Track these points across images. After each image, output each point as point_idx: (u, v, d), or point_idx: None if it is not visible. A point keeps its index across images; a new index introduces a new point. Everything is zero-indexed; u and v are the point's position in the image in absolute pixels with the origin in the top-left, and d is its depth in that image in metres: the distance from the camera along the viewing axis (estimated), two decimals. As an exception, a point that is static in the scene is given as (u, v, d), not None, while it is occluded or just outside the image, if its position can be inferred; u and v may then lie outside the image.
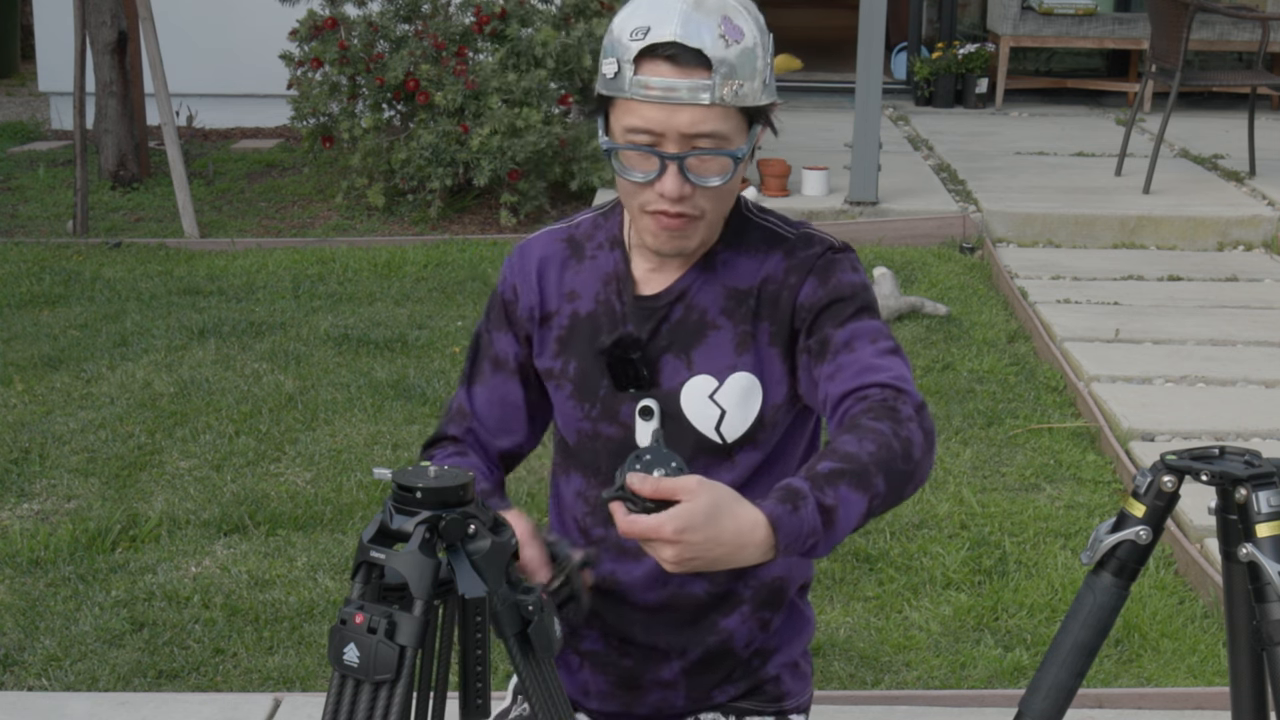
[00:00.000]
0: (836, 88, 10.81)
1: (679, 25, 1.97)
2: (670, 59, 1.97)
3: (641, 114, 1.99)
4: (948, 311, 6.04)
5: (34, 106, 10.81)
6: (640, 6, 2.01)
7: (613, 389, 2.15)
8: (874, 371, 1.99)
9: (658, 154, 2.00)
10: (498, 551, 1.74)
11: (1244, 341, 5.74)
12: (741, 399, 2.11)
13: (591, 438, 2.18)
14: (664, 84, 1.97)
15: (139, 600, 3.84)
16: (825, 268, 2.11)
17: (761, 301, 2.12)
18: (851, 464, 1.86)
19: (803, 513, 1.81)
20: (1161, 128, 7.75)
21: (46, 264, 6.76)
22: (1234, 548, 1.95)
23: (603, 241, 2.20)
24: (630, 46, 1.98)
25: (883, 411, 1.93)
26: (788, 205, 7.38)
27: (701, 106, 1.98)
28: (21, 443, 4.79)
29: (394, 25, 7.60)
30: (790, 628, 2.27)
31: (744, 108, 2.01)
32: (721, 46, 1.97)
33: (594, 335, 2.16)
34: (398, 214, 7.56)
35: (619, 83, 2.00)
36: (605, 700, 2.26)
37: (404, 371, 5.36)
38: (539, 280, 2.21)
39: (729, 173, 2.03)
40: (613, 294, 2.17)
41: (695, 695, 2.24)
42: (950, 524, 4.24)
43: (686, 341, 2.13)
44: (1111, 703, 3.39)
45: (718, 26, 1.98)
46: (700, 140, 1.99)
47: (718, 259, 2.14)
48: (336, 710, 1.72)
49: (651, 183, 2.02)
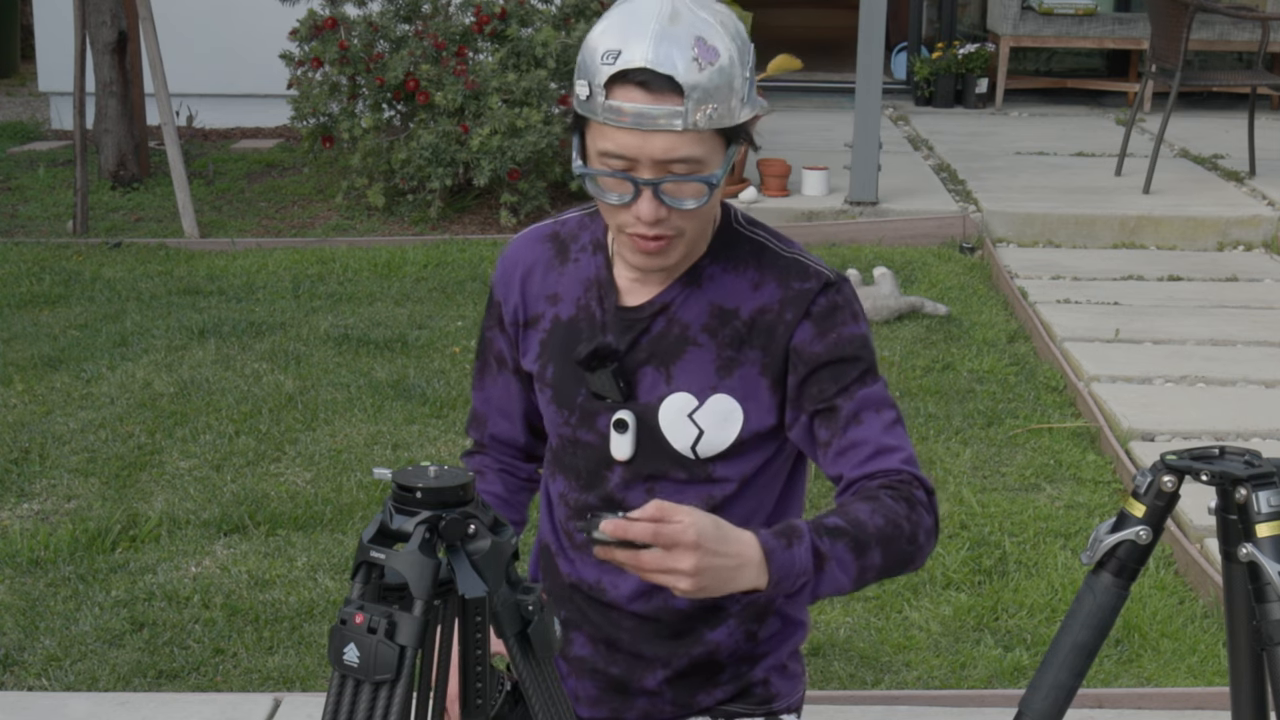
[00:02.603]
0: (836, 88, 10.81)
1: (650, 49, 1.92)
2: (642, 85, 1.93)
3: (614, 139, 1.96)
4: (948, 311, 6.04)
5: (34, 106, 10.81)
6: (613, 24, 1.96)
7: (591, 397, 2.14)
8: (887, 455, 2.03)
9: (631, 179, 1.97)
10: (498, 551, 1.74)
11: (1244, 341, 5.74)
12: (721, 421, 2.10)
13: (571, 443, 2.18)
14: (636, 110, 1.93)
15: (139, 600, 3.84)
16: (826, 315, 2.07)
17: (754, 330, 2.09)
18: (856, 530, 1.92)
19: (796, 551, 1.87)
20: (1161, 128, 7.75)
21: (46, 264, 6.76)
22: (1234, 548, 1.95)
23: (587, 244, 2.19)
24: (602, 70, 1.94)
25: (900, 493, 1.99)
26: (788, 205, 7.39)
27: (674, 133, 1.94)
28: (21, 443, 4.79)
29: (394, 25, 7.60)
30: (779, 636, 2.26)
31: (720, 129, 1.98)
32: (695, 71, 1.92)
33: (573, 342, 2.15)
34: (398, 214, 7.56)
35: (591, 106, 1.97)
36: (594, 706, 2.26)
37: (404, 371, 5.36)
38: (522, 285, 2.20)
39: (704, 196, 2.00)
40: (594, 301, 2.15)
41: (681, 702, 2.23)
42: (950, 524, 4.24)
43: (667, 356, 2.11)
44: (1111, 703, 3.39)
45: (691, 49, 1.93)
46: (675, 165, 1.96)
47: (704, 274, 2.11)
48: (336, 710, 1.72)
49: (627, 205, 1.99)
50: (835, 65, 11.37)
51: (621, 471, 2.14)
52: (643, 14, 1.95)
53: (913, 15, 10.89)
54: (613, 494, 2.15)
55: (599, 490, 2.17)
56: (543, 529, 2.29)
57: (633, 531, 1.77)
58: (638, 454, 2.13)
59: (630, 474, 2.14)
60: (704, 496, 2.12)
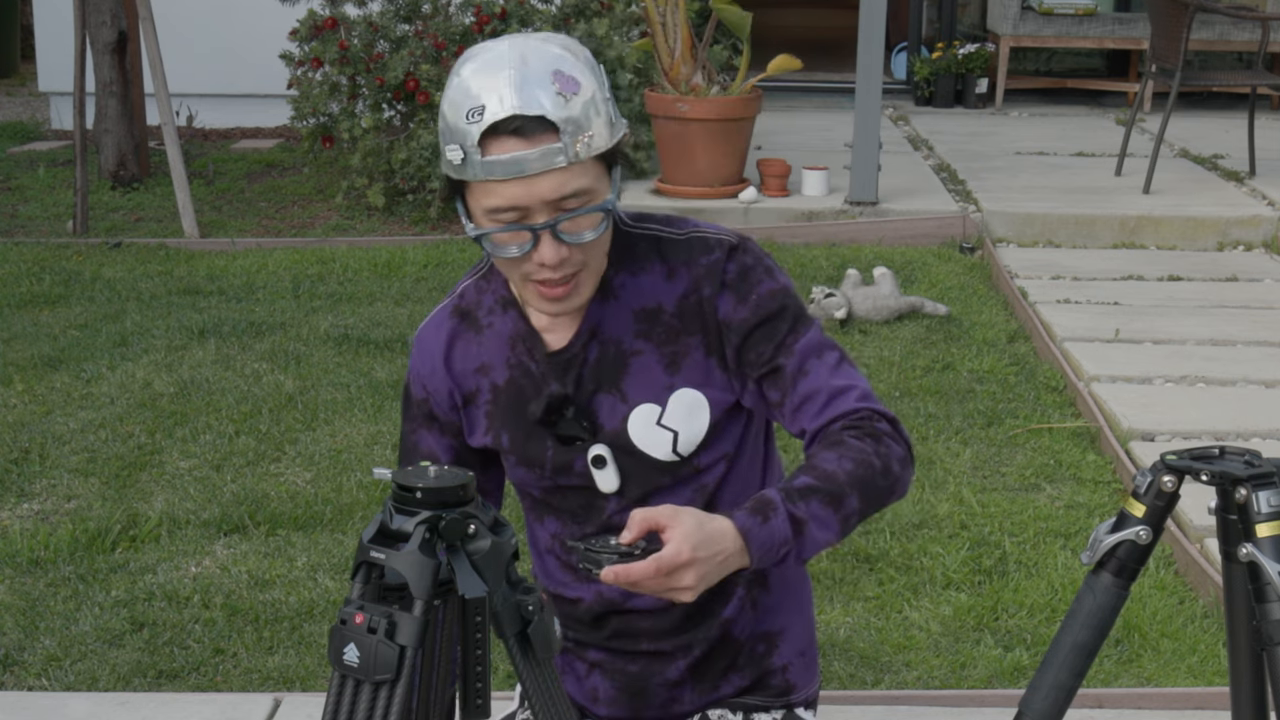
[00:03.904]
0: (836, 88, 10.80)
1: (513, 95, 1.90)
2: (515, 132, 1.91)
3: (500, 193, 1.93)
4: (948, 311, 6.04)
5: (34, 106, 10.81)
6: (466, 84, 1.93)
7: (559, 446, 2.12)
8: (841, 397, 2.04)
9: (528, 228, 1.95)
10: (498, 551, 1.74)
11: (1244, 341, 5.74)
12: (688, 415, 2.10)
13: (553, 491, 2.17)
14: (514, 159, 1.91)
15: (139, 600, 3.84)
16: (740, 279, 2.08)
17: (684, 318, 2.08)
18: (827, 482, 1.95)
19: (773, 523, 1.91)
20: (1161, 128, 7.75)
21: (46, 264, 6.76)
22: (1234, 548, 1.95)
23: (493, 305, 2.16)
24: (470, 131, 1.91)
25: (864, 430, 2.01)
26: (788, 205, 7.38)
27: (558, 170, 1.92)
28: (21, 443, 4.79)
29: (394, 25, 7.60)
30: (787, 598, 2.27)
31: (599, 155, 1.96)
32: (561, 105, 1.91)
33: (520, 403, 2.13)
34: (398, 214, 7.56)
35: (468, 169, 1.94)
36: (613, 705, 2.26)
37: (403, 371, 5.34)
38: (446, 368, 2.16)
39: (601, 224, 1.99)
40: (523, 355, 2.13)
41: (702, 690, 2.24)
42: (950, 524, 4.24)
43: (613, 377, 2.10)
44: (1111, 703, 3.39)
45: (552, 85, 1.91)
46: (567, 201, 1.94)
47: (614, 285, 2.10)
48: (336, 710, 1.72)
49: (529, 254, 1.97)
50: (835, 65, 11.37)
51: (615, 501, 2.14)
52: (493, 64, 1.93)
53: (913, 15, 10.89)
54: (611, 520, 2.15)
55: (595, 520, 2.17)
56: (539, 578, 2.28)
57: (634, 575, 1.82)
58: (625, 481, 2.12)
59: (625, 501, 2.14)
60: (696, 489, 2.13)
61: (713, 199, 7.32)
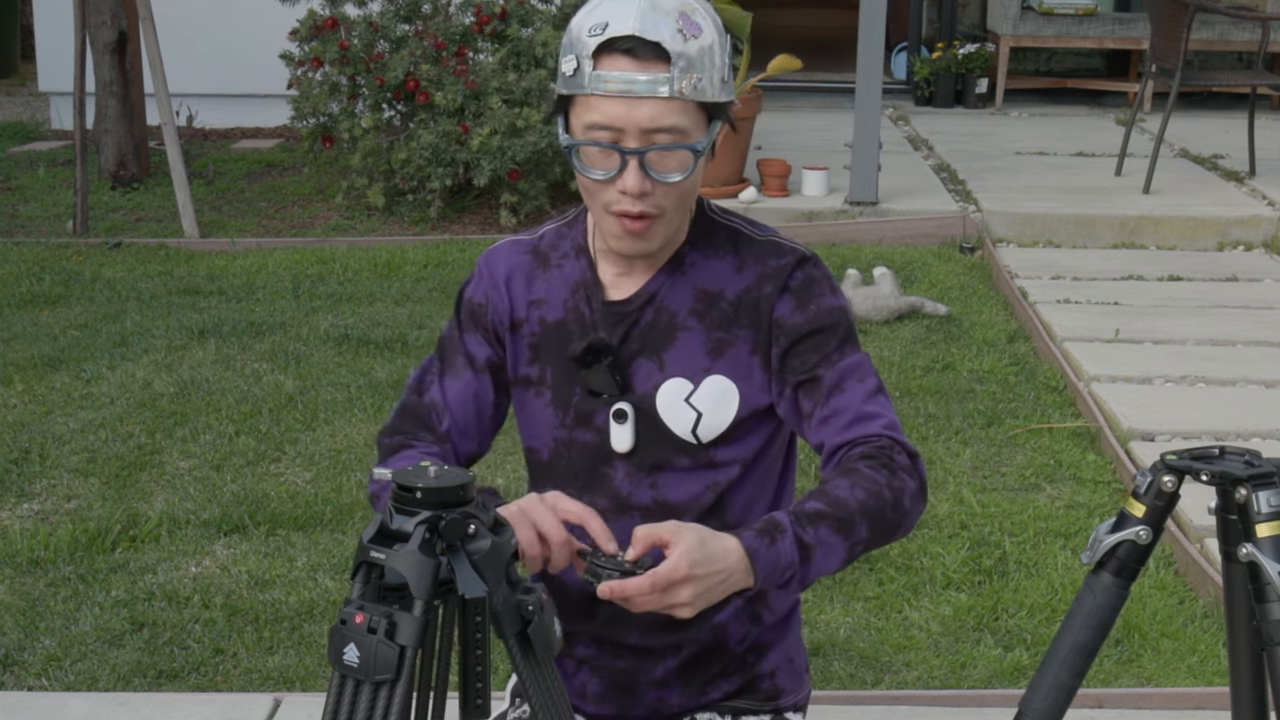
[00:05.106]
0: (836, 88, 10.81)
1: (637, 20, 1.98)
2: (628, 53, 1.98)
3: (601, 109, 2.00)
4: (948, 311, 6.04)
5: (34, 106, 10.81)
6: (598, 5, 2.02)
7: (586, 395, 2.15)
8: (868, 421, 2.06)
9: (618, 149, 2.01)
10: (498, 551, 1.74)
11: (1244, 341, 5.74)
12: (717, 402, 2.12)
13: (567, 445, 2.18)
14: (623, 78, 1.98)
15: (139, 600, 3.84)
16: (804, 287, 2.12)
17: (740, 310, 2.13)
18: (837, 509, 1.96)
19: (780, 546, 1.92)
20: (1161, 128, 7.75)
21: (46, 264, 6.76)
22: (1234, 548, 1.96)
23: (568, 250, 2.21)
24: (589, 42, 2.00)
25: (880, 460, 2.02)
26: (788, 205, 7.39)
27: (660, 99, 1.99)
28: (21, 443, 4.79)
29: (394, 25, 7.60)
30: (784, 621, 2.28)
31: (703, 103, 2.02)
32: (680, 41, 1.99)
33: (564, 342, 2.17)
34: (398, 214, 7.56)
35: (578, 79, 2.01)
36: (601, 702, 2.26)
37: (404, 371, 5.35)
38: (507, 288, 2.21)
39: (689, 168, 2.04)
40: (581, 301, 2.17)
41: (690, 692, 2.24)
42: (950, 524, 4.24)
43: (658, 344, 2.14)
44: (1111, 703, 3.39)
45: (675, 22, 1.99)
46: (659, 135, 2.00)
47: (686, 260, 2.15)
48: (336, 710, 1.72)
49: (613, 180, 2.03)
50: (835, 65, 11.37)
51: (624, 466, 2.15)
52: None
53: (913, 15, 10.89)
54: (617, 490, 2.16)
55: (602, 490, 2.16)
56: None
57: (629, 590, 1.84)
58: (638, 444, 2.14)
59: (633, 466, 2.15)
60: (708, 483, 2.14)
61: (713, 199, 7.29)
